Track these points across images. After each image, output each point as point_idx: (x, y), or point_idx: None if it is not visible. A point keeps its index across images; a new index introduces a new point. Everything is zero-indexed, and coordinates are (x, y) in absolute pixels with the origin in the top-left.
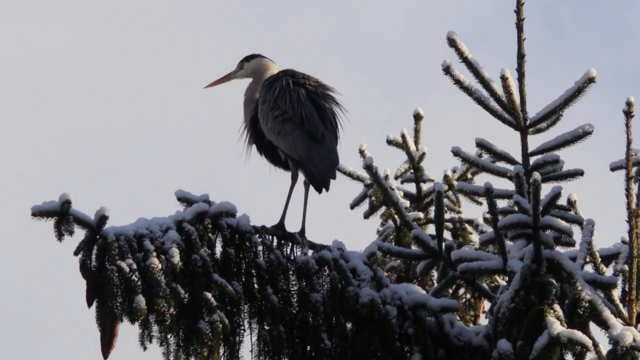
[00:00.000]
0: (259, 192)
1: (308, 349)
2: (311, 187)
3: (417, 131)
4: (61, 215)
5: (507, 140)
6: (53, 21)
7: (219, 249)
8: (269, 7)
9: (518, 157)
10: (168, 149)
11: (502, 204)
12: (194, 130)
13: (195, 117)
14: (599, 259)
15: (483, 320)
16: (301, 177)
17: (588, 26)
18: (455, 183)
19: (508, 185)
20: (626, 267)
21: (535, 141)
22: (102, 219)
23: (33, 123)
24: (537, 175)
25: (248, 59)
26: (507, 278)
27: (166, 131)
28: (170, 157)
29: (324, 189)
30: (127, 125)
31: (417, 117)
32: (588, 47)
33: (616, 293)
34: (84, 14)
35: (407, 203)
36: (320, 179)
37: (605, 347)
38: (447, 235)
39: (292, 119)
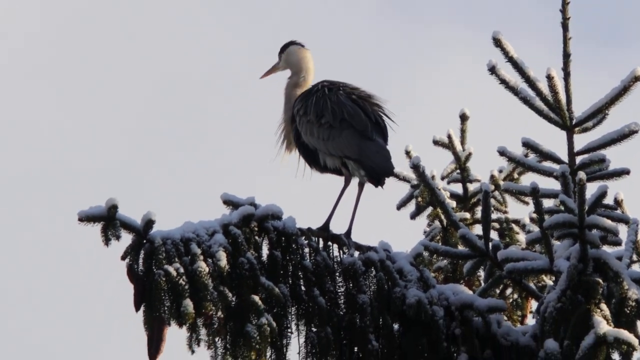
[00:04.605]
0: (304, 194)
1: (355, 350)
2: (364, 189)
3: (463, 131)
4: (108, 220)
5: (553, 139)
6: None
7: (265, 251)
8: None
9: (564, 157)
10: (208, 150)
11: (548, 203)
12: (237, 132)
13: (238, 118)
14: None
15: (530, 320)
16: (354, 180)
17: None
18: (501, 183)
19: (554, 185)
20: None
21: (581, 140)
22: (149, 223)
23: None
24: (582, 174)
25: (283, 49)
26: (553, 278)
27: (206, 133)
28: (211, 160)
29: (381, 185)
30: (166, 130)
31: (463, 118)
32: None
33: None
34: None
35: (453, 203)
36: (380, 171)
37: None
38: (493, 235)
39: (340, 122)
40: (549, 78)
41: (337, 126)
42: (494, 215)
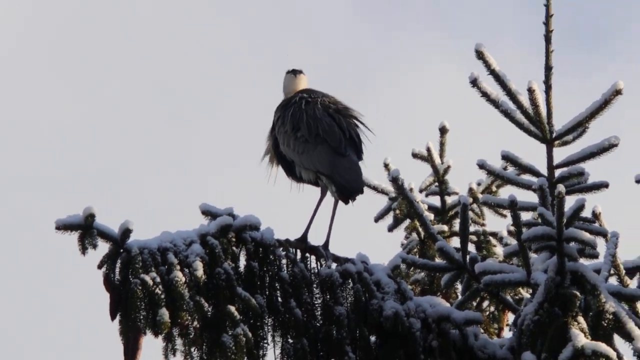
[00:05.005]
0: (282, 205)
1: None
2: (340, 201)
3: (442, 144)
4: (85, 229)
5: (532, 152)
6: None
7: (242, 262)
8: None
9: (543, 170)
10: (191, 160)
11: (526, 216)
12: (217, 144)
13: (219, 129)
14: (623, 271)
15: (507, 333)
16: (330, 191)
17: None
18: (479, 196)
19: (533, 198)
20: None
21: (561, 153)
22: (126, 232)
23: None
24: (561, 187)
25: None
26: (531, 290)
27: (190, 143)
28: (194, 170)
29: (351, 201)
30: (148, 137)
31: (443, 130)
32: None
33: None
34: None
35: (431, 216)
36: (350, 188)
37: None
38: (471, 247)
39: (315, 137)
40: (530, 91)
41: (312, 141)
42: (472, 228)
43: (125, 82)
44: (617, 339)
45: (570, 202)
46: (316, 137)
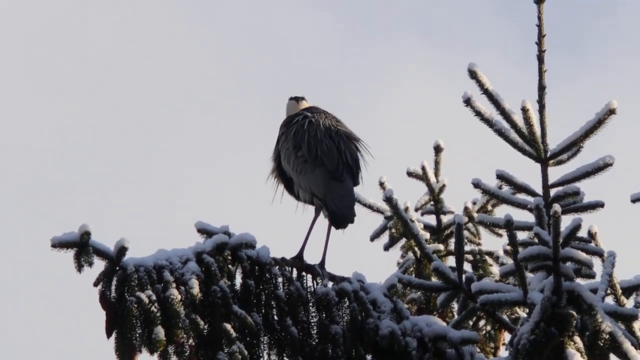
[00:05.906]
0: (279, 224)
1: None
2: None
3: (437, 163)
4: (81, 247)
5: (527, 171)
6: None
7: (238, 280)
8: None
9: (538, 189)
10: (188, 178)
11: (522, 235)
12: (214, 161)
13: (218, 148)
14: (620, 291)
15: (503, 352)
16: (324, 211)
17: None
18: (475, 215)
19: (528, 217)
20: None
21: (555, 172)
22: (122, 250)
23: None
24: (557, 207)
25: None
26: (527, 310)
27: (187, 161)
28: (190, 187)
29: (342, 228)
30: (148, 137)
31: (438, 149)
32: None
33: (637, 325)
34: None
35: (427, 235)
36: (341, 215)
37: None
38: (467, 267)
39: (314, 159)
40: (524, 110)
41: (311, 162)
42: (468, 247)
43: (125, 82)
44: (614, 359)
45: (565, 221)
46: (315, 159)
